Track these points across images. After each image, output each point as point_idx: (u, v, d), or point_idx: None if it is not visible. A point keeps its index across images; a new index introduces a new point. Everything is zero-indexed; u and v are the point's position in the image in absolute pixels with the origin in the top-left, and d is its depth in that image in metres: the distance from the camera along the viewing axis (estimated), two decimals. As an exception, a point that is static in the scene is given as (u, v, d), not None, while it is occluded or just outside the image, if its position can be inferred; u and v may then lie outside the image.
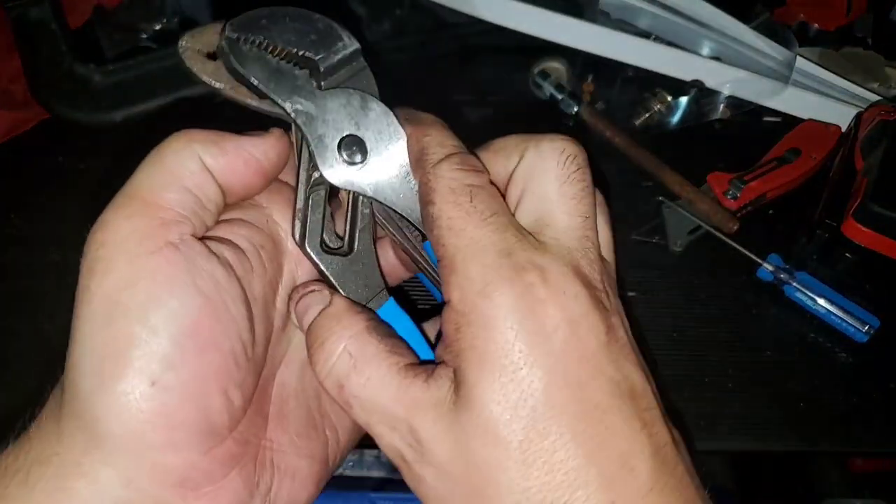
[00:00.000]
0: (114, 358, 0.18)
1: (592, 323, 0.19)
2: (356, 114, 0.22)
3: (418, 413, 0.19)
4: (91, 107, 0.44)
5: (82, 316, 0.19)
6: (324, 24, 0.21)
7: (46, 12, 0.46)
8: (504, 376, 0.18)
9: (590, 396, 0.18)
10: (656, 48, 0.50)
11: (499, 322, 0.18)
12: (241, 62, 0.20)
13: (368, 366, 0.20)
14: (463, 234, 0.19)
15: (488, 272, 0.19)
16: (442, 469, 0.19)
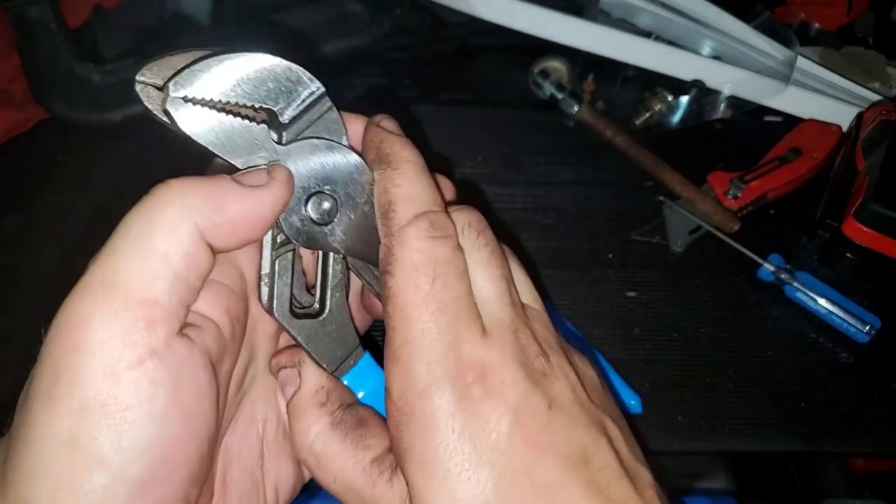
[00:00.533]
0: (72, 489, 0.16)
1: (534, 404, 0.18)
2: (323, 167, 0.19)
3: (378, 488, 0.19)
4: (90, 107, 0.44)
5: (40, 425, 0.16)
6: (281, 67, 0.18)
7: (46, 12, 0.46)
8: (449, 480, 0.18)
9: (541, 477, 0.18)
10: (657, 48, 0.50)
11: (440, 424, 0.18)
12: (189, 126, 0.18)
13: (333, 464, 0.20)
14: (415, 324, 0.18)
15: (431, 371, 0.18)
16: None
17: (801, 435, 0.34)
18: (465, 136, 0.48)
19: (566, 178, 0.46)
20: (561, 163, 0.46)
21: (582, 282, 0.40)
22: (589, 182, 0.45)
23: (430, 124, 0.48)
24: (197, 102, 0.18)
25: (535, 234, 0.42)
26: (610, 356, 0.35)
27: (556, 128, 0.49)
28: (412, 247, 0.19)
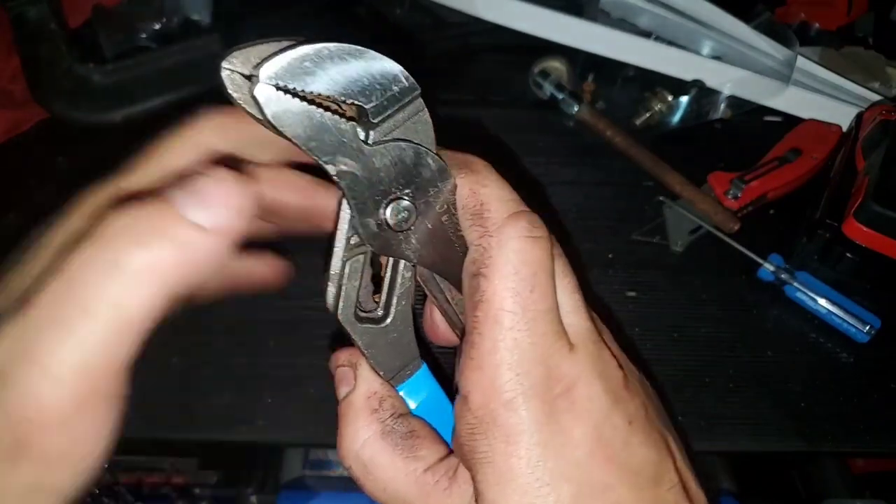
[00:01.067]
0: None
1: (615, 421, 0.18)
2: (407, 171, 0.19)
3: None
4: (90, 106, 0.44)
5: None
6: (377, 62, 0.18)
7: (46, 12, 0.46)
8: (529, 494, 0.17)
9: (617, 497, 0.18)
10: (657, 47, 0.50)
11: (524, 436, 0.17)
12: (278, 118, 0.17)
13: (384, 473, 0.20)
14: (509, 333, 0.18)
15: (521, 381, 0.17)
16: None
17: (801, 435, 0.34)
18: (465, 135, 0.48)
19: (566, 178, 0.46)
20: (561, 163, 0.46)
21: (582, 282, 0.40)
22: (589, 182, 0.45)
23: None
24: (287, 91, 0.17)
25: (535, 234, 0.42)
26: (610, 356, 0.35)
27: (556, 128, 0.49)
28: (512, 248, 0.18)
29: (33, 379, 0.19)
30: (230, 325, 0.36)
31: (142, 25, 0.51)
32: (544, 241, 0.18)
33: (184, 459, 0.33)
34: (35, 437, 0.17)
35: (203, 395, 0.34)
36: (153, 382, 0.34)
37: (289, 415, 0.33)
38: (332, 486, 0.33)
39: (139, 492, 0.32)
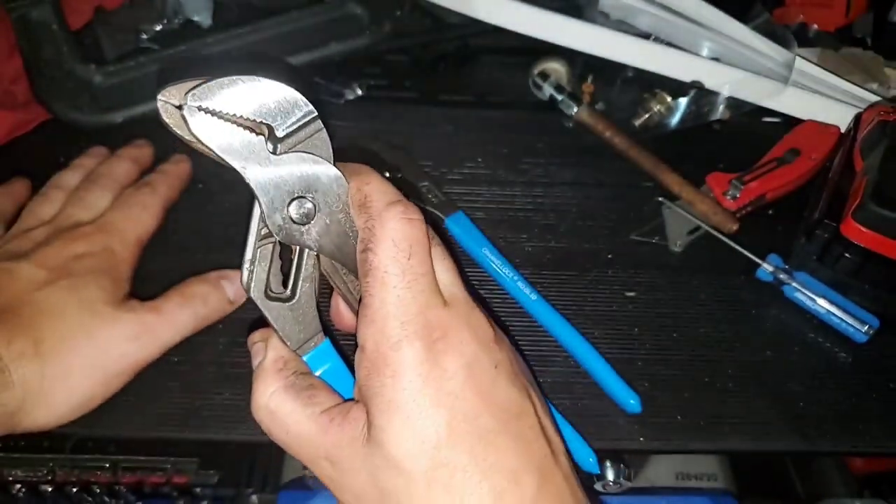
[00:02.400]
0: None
1: (484, 363, 0.22)
2: (307, 176, 0.23)
3: (336, 450, 0.23)
4: (92, 108, 0.44)
5: None
6: (282, 91, 0.22)
7: (48, 13, 0.46)
8: (411, 418, 0.21)
9: (483, 424, 0.22)
10: (656, 49, 0.50)
11: (408, 371, 0.21)
12: (199, 130, 0.21)
13: (287, 419, 0.24)
14: (393, 291, 0.22)
15: (405, 328, 0.22)
16: (358, 492, 0.22)
17: (800, 434, 0.35)
18: (465, 136, 0.48)
19: (566, 179, 0.46)
20: (560, 163, 0.47)
21: (581, 282, 0.40)
22: (588, 182, 0.46)
23: (431, 125, 0.48)
24: (209, 112, 0.21)
25: (534, 235, 0.42)
26: (609, 356, 0.35)
27: (555, 129, 0.49)
28: (391, 227, 0.22)
29: (41, 412, 0.29)
30: (231, 325, 0.36)
31: (143, 27, 0.51)
32: (419, 222, 0.23)
33: (184, 459, 0.33)
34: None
35: (204, 395, 0.34)
36: (153, 382, 0.34)
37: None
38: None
39: (140, 491, 0.32)
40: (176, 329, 0.33)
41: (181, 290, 0.34)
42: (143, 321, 0.32)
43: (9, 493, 0.31)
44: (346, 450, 0.22)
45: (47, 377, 0.30)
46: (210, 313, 0.35)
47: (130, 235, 0.36)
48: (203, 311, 0.34)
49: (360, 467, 0.22)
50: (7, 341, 0.29)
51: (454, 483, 0.21)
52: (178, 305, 0.34)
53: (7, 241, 0.35)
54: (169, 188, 0.40)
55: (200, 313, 0.34)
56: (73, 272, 0.32)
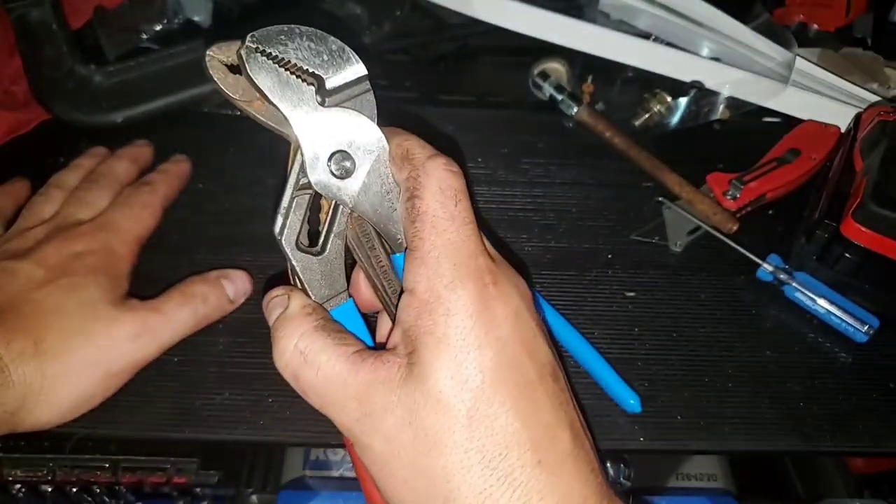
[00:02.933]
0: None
1: (528, 317, 0.23)
2: (351, 132, 0.23)
3: (367, 390, 0.22)
4: (92, 108, 0.44)
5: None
6: (337, 46, 0.23)
7: (48, 13, 0.46)
8: (460, 355, 0.21)
9: (525, 374, 0.22)
10: (656, 49, 0.50)
11: (461, 310, 0.22)
12: (255, 72, 0.22)
13: (318, 357, 0.23)
14: (444, 234, 0.22)
15: (458, 270, 0.22)
16: (389, 435, 0.22)
17: (799, 434, 0.35)
18: (465, 136, 0.48)
19: (566, 179, 0.46)
20: (560, 163, 0.47)
21: (581, 282, 0.40)
22: (588, 183, 0.46)
23: (431, 125, 0.48)
24: (265, 54, 0.22)
25: (534, 235, 0.42)
26: (609, 356, 0.35)
27: (555, 129, 0.49)
28: (437, 175, 0.23)
29: (42, 411, 0.30)
30: (231, 325, 0.36)
31: (143, 27, 0.51)
32: (460, 175, 0.23)
33: (185, 459, 0.33)
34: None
35: (204, 395, 0.34)
36: (153, 382, 0.34)
37: (289, 415, 0.33)
38: (332, 486, 0.33)
39: (140, 491, 0.32)
40: (176, 328, 0.33)
41: (181, 290, 0.34)
42: (143, 320, 0.32)
43: (9, 492, 0.31)
44: (380, 389, 0.22)
45: (47, 376, 0.30)
46: (210, 312, 0.35)
47: (130, 234, 0.36)
48: (203, 310, 0.34)
49: (394, 407, 0.22)
50: (7, 341, 0.29)
51: (496, 426, 0.21)
52: (178, 304, 0.34)
53: (7, 240, 0.35)
54: (168, 187, 0.40)
55: (200, 312, 0.34)
56: (72, 271, 0.32)
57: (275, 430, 0.33)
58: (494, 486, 0.21)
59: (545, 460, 0.21)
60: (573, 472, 0.22)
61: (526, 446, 0.21)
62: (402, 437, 0.22)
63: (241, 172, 0.44)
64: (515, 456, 0.21)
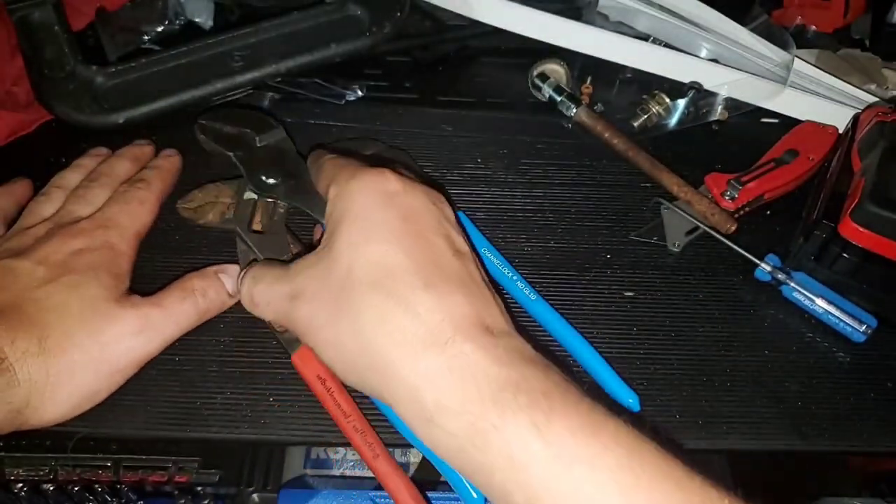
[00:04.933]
0: None
1: (419, 192, 0.29)
2: (277, 157, 0.39)
3: (297, 275, 0.29)
4: (94, 108, 0.44)
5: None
6: (259, 115, 0.42)
7: (49, 14, 0.46)
8: (358, 213, 0.28)
9: (416, 228, 0.28)
10: (655, 50, 0.51)
11: (363, 189, 0.28)
12: (207, 135, 0.41)
13: (265, 276, 0.31)
14: (341, 167, 0.31)
15: (356, 171, 0.29)
16: (313, 294, 0.28)
17: (798, 434, 0.35)
18: (464, 137, 0.48)
19: (565, 180, 0.46)
20: (560, 164, 0.47)
21: (580, 282, 0.40)
22: (587, 183, 0.46)
23: (431, 126, 0.48)
24: (213, 127, 0.41)
25: (534, 235, 0.42)
26: (608, 355, 0.36)
27: (554, 130, 0.49)
28: (329, 156, 0.34)
29: (46, 408, 0.30)
30: (231, 325, 0.37)
31: (145, 28, 0.52)
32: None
33: (186, 458, 0.33)
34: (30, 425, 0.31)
35: (205, 395, 0.34)
36: (155, 382, 0.34)
37: (290, 414, 0.33)
38: (333, 485, 0.34)
39: (142, 490, 0.33)
40: (177, 323, 0.34)
41: (180, 285, 0.35)
42: (145, 316, 0.33)
43: (11, 492, 0.32)
44: (304, 270, 0.29)
45: (52, 374, 0.30)
46: (210, 306, 0.35)
47: (129, 230, 0.36)
48: (203, 304, 0.35)
49: (314, 273, 0.28)
50: (11, 339, 0.29)
51: (387, 262, 0.26)
52: (179, 299, 0.34)
53: (7, 239, 0.35)
54: (162, 182, 0.40)
55: (201, 306, 0.35)
56: (73, 268, 0.33)
57: (276, 429, 0.33)
58: (389, 307, 0.25)
59: (431, 283, 0.26)
60: (459, 290, 0.26)
61: (414, 273, 0.26)
62: (323, 292, 0.27)
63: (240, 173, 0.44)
64: (405, 282, 0.26)
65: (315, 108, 0.48)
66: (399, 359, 0.25)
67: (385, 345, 0.25)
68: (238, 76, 0.46)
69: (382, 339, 0.25)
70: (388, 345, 0.25)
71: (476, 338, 0.25)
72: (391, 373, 0.25)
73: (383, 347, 0.25)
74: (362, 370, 0.26)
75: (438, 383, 0.24)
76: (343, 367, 0.27)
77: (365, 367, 0.26)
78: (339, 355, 0.27)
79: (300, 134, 0.43)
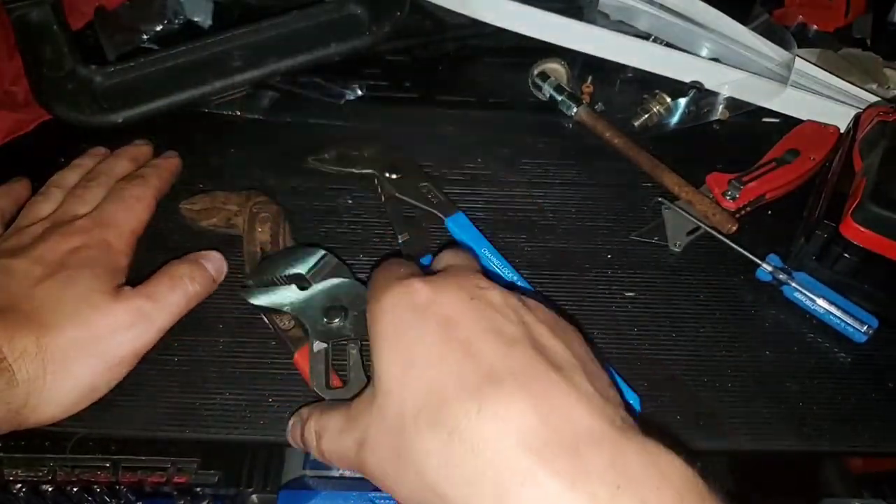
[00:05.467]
0: None
1: (451, 292, 0.25)
2: (337, 292, 0.34)
3: (358, 421, 0.25)
4: (92, 108, 0.44)
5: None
6: (302, 249, 0.36)
7: (48, 14, 0.46)
8: (391, 337, 0.24)
9: (456, 335, 0.24)
10: (655, 49, 0.50)
11: (392, 308, 0.25)
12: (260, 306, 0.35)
13: (328, 426, 0.27)
14: (373, 285, 0.27)
15: (384, 288, 0.26)
16: (376, 442, 0.24)
17: (799, 434, 0.35)
18: (465, 137, 0.48)
19: (565, 179, 0.46)
20: (560, 164, 0.47)
21: (581, 282, 0.40)
22: (588, 183, 0.46)
23: (431, 126, 0.48)
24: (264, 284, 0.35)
25: (534, 235, 0.42)
26: (609, 355, 0.36)
27: (555, 129, 0.49)
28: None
29: (46, 407, 0.30)
30: (231, 325, 0.36)
31: (144, 27, 0.52)
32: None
33: (185, 459, 0.33)
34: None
35: (204, 395, 0.34)
36: (153, 382, 0.34)
37: (289, 414, 0.33)
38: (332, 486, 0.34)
39: (141, 491, 0.32)
40: (170, 312, 0.34)
41: (168, 273, 0.35)
42: (139, 308, 0.33)
43: (9, 492, 0.31)
44: (363, 411, 0.25)
45: (49, 372, 0.30)
46: (200, 290, 0.36)
47: (126, 227, 0.36)
48: (192, 290, 0.35)
49: (368, 412, 0.24)
50: (9, 339, 0.29)
51: (425, 378, 0.23)
52: (169, 288, 0.34)
53: (5, 239, 0.35)
54: (160, 180, 0.40)
55: (191, 293, 0.35)
56: (69, 265, 0.33)
57: (275, 430, 0.33)
58: (449, 446, 0.21)
59: (484, 399, 0.21)
60: (519, 394, 0.21)
61: (468, 398, 0.21)
62: (379, 436, 0.24)
63: (240, 172, 0.44)
64: (459, 409, 0.21)
65: (314, 108, 0.48)
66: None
67: (456, 494, 0.21)
68: (237, 75, 0.45)
69: (450, 486, 0.21)
70: (457, 491, 0.21)
71: (556, 462, 0.20)
72: None
73: (455, 496, 0.21)
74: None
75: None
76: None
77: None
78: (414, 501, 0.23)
79: (300, 133, 0.43)
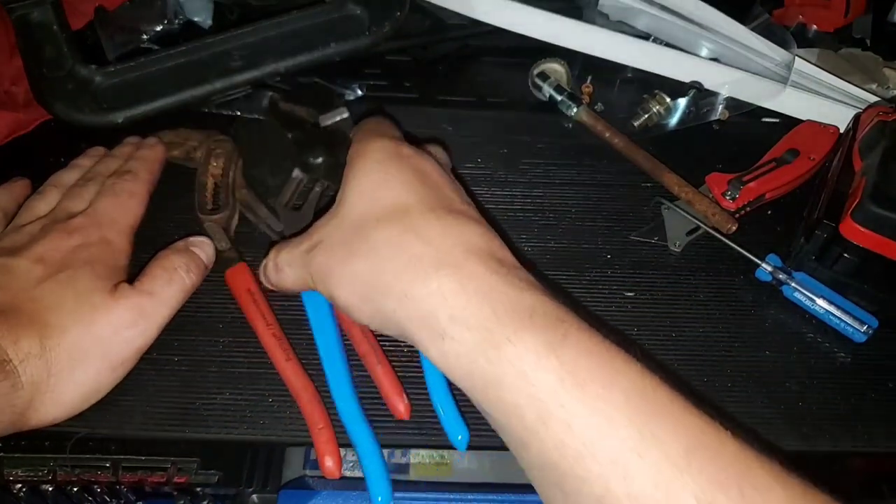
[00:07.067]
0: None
1: (422, 157, 0.31)
2: (328, 138, 0.41)
3: (314, 232, 0.31)
4: (92, 108, 0.44)
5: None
6: (328, 93, 0.45)
7: (48, 14, 0.46)
8: (373, 168, 0.30)
9: (428, 181, 0.30)
10: (655, 50, 0.50)
11: (380, 149, 0.31)
12: (276, 115, 0.44)
13: (286, 244, 0.32)
14: (361, 129, 0.34)
15: (375, 134, 0.32)
16: (329, 240, 0.29)
17: (798, 434, 0.35)
18: (464, 137, 0.48)
19: (565, 179, 0.46)
20: (560, 164, 0.47)
21: (580, 282, 0.40)
22: (588, 183, 0.46)
23: (431, 125, 0.48)
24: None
25: (534, 235, 0.42)
26: (609, 356, 0.35)
27: (555, 129, 0.49)
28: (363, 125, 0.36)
29: (50, 408, 0.30)
30: (231, 325, 0.36)
31: (144, 27, 0.51)
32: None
33: (185, 459, 0.33)
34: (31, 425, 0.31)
35: (204, 395, 0.34)
36: (154, 382, 0.34)
37: (289, 414, 0.33)
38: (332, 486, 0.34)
39: (141, 490, 0.32)
40: (169, 306, 0.34)
41: (162, 265, 0.35)
42: (138, 306, 0.33)
43: (10, 492, 0.31)
44: (321, 229, 0.30)
45: (53, 374, 0.30)
46: (196, 280, 0.36)
47: (123, 224, 0.37)
48: (189, 280, 0.35)
49: (327, 223, 0.30)
50: (13, 340, 0.29)
51: (385, 192, 0.29)
52: (167, 282, 0.34)
53: (3, 238, 0.35)
54: (149, 173, 0.40)
55: (187, 284, 0.35)
56: (70, 265, 0.33)
57: (275, 430, 0.33)
58: (403, 237, 0.27)
59: (443, 217, 0.28)
60: (470, 224, 0.28)
61: (427, 210, 0.28)
62: (335, 237, 0.29)
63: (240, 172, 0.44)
64: (418, 216, 0.27)
65: (314, 108, 0.48)
66: (413, 280, 0.25)
67: (400, 270, 0.26)
68: (237, 75, 0.45)
69: (397, 265, 0.26)
70: (402, 269, 0.26)
71: (489, 263, 0.26)
72: (406, 296, 0.25)
73: (398, 272, 0.26)
74: (377, 299, 0.27)
75: (452, 301, 0.25)
76: (359, 302, 0.28)
77: (380, 294, 0.26)
78: (355, 289, 0.28)
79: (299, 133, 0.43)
